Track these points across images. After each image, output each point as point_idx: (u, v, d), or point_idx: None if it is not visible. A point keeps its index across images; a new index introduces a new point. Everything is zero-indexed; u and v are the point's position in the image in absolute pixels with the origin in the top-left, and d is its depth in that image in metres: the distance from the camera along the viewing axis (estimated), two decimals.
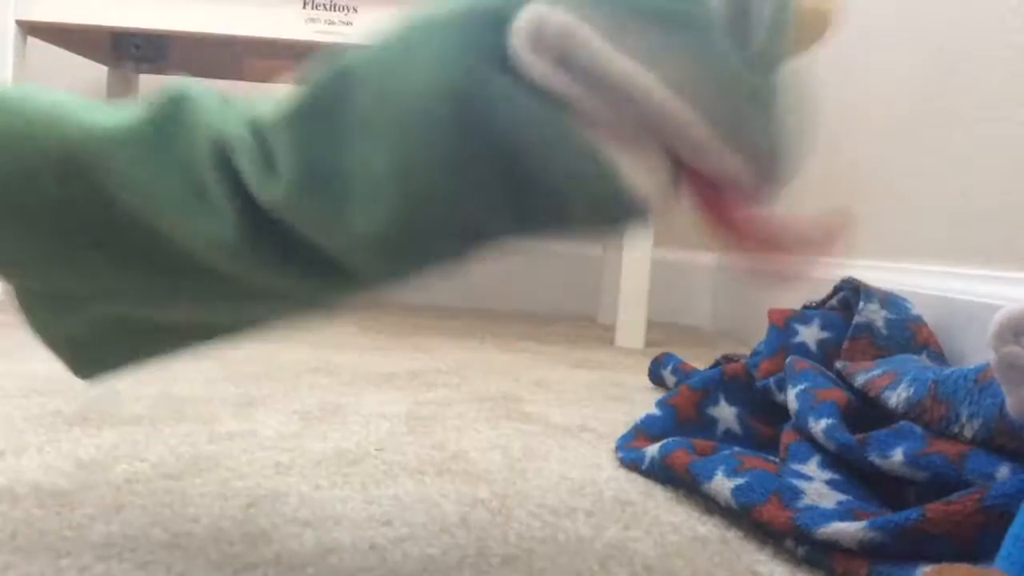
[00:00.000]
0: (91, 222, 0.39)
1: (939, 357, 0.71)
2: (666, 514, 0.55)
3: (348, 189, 0.35)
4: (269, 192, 0.36)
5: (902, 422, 0.55)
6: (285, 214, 0.36)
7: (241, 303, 0.41)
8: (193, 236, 0.37)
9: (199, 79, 0.40)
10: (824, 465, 0.56)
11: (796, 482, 0.52)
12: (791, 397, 0.65)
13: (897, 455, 0.51)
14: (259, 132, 0.37)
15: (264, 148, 0.36)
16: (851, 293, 0.79)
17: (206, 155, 0.36)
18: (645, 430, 0.71)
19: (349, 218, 0.35)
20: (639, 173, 0.33)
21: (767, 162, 0.34)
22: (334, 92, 0.36)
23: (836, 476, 0.54)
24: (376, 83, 0.35)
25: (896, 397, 0.58)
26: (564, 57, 0.32)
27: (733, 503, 0.52)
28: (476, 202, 0.35)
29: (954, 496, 0.44)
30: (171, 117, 0.37)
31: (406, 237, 0.35)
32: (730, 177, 0.34)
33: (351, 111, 0.35)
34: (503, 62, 0.33)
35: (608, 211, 0.35)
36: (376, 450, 0.65)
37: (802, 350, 0.75)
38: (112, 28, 1.35)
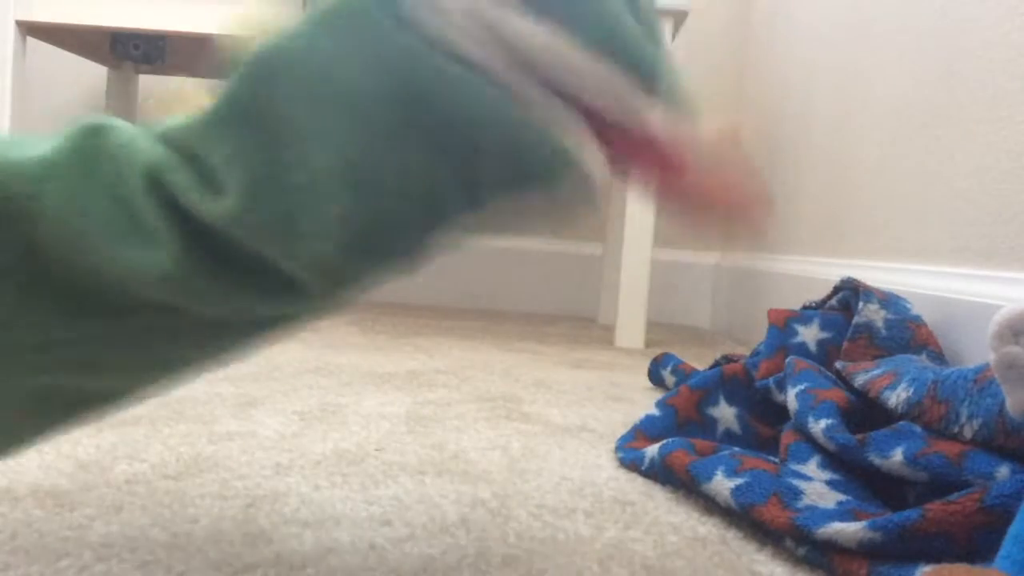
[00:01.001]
0: (14, 272, 0.36)
1: (939, 357, 0.71)
2: (666, 514, 0.55)
3: (298, 192, 0.34)
4: (216, 209, 0.34)
5: (902, 422, 0.55)
6: (234, 230, 0.34)
7: (186, 341, 0.39)
8: (132, 270, 0.35)
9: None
10: (824, 465, 0.56)
11: (796, 482, 0.52)
12: (791, 397, 0.65)
13: (897, 455, 0.51)
14: (186, 149, 0.35)
15: (198, 165, 0.35)
16: (851, 293, 0.79)
17: (137, 182, 0.35)
18: (645, 430, 0.71)
19: (302, 223, 0.34)
20: (577, 141, 0.34)
21: (664, 98, 0.36)
22: (262, 93, 0.34)
23: (836, 476, 0.54)
24: (308, 75, 0.34)
25: (896, 397, 0.58)
26: (476, 30, 0.33)
27: (733, 503, 0.52)
28: (426, 182, 0.34)
29: (954, 496, 0.44)
30: (93, 146, 0.35)
31: (361, 233, 0.34)
32: (640, 119, 0.35)
33: (286, 109, 0.34)
34: (429, 39, 0.33)
35: (557, 181, 0.35)
36: (376, 450, 0.65)
37: (802, 350, 0.75)
38: (112, 28, 1.35)
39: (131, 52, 1.59)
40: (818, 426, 0.58)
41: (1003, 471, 0.46)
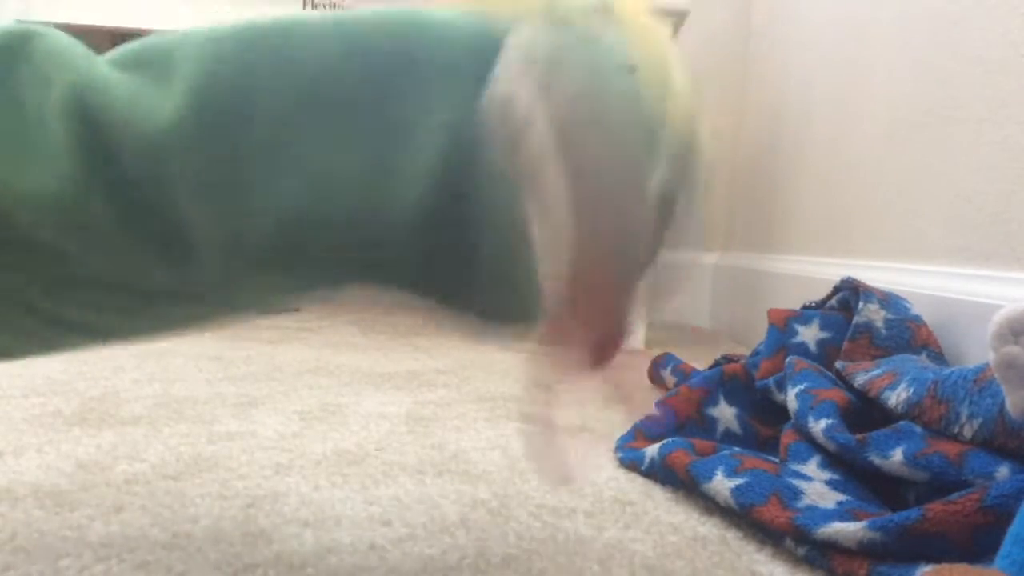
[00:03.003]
0: None
1: (939, 357, 0.71)
2: (666, 514, 0.55)
3: (254, 139, 0.31)
4: (156, 116, 0.31)
5: (902, 422, 0.55)
6: (166, 148, 0.31)
7: (60, 297, 0.35)
8: (19, 184, 0.32)
9: None
10: (824, 465, 0.56)
11: (796, 482, 0.52)
12: (791, 397, 0.65)
13: (897, 455, 0.51)
14: (144, 56, 0.33)
15: (151, 70, 0.32)
16: (850, 293, 0.79)
17: (58, 96, 0.32)
18: (645, 430, 0.71)
19: (255, 189, 0.31)
20: (547, 261, 0.33)
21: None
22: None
23: (836, 476, 0.54)
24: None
25: (896, 397, 0.58)
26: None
27: (733, 503, 0.52)
28: (392, 238, 0.32)
29: (954, 496, 0.44)
30: (14, 51, 0.33)
31: (305, 228, 0.31)
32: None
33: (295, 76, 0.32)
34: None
35: (512, 285, 0.34)
36: (376, 450, 0.65)
37: (802, 350, 0.75)
38: (112, 29, 1.35)
39: None
40: (818, 426, 0.58)
41: (1003, 471, 0.46)
